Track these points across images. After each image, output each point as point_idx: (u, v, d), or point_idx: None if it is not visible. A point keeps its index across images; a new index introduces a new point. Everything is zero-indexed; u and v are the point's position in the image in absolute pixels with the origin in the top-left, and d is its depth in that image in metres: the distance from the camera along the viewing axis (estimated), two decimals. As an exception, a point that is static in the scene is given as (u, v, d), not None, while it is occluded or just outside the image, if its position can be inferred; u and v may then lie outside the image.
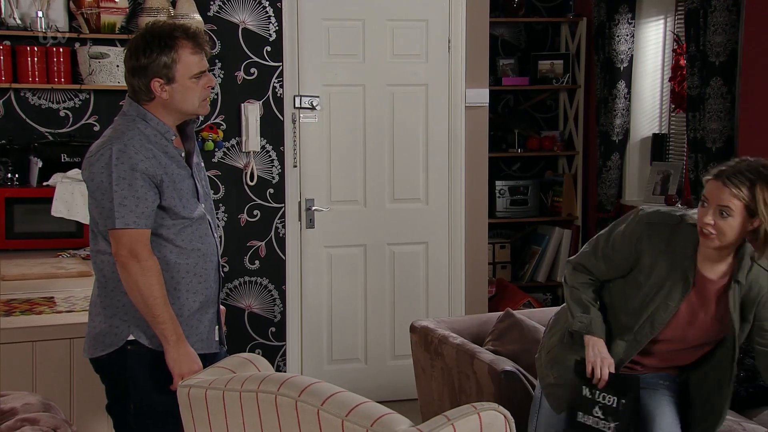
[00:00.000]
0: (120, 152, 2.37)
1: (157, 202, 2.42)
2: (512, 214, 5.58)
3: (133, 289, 2.37)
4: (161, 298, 2.38)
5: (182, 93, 2.45)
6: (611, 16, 5.14)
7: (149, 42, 2.42)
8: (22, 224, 3.95)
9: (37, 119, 4.24)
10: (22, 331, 2.71)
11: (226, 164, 4.49)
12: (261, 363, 2.14)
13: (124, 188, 2.36)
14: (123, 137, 2.40)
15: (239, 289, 4.56)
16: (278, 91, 4.51)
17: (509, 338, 3.38)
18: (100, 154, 2.40)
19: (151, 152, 2.41)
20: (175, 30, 2.46)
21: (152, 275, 2.37)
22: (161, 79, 2.42)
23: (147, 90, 2.44)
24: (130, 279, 2.37)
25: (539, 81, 5.52)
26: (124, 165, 2.36)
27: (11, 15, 4.08)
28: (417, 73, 4.68)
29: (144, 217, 2.38)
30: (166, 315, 2.39)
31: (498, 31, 5.53)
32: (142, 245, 2.38)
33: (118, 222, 2.36)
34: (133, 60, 2.43)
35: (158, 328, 2.39)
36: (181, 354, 2.39)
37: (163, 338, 2.39)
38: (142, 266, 2.36)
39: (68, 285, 3.30)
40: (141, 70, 2.42)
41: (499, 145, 5.52)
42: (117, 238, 2.37)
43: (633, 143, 5.29)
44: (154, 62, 2.40)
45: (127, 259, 2.36)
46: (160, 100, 2.45)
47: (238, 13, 4.46)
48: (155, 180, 2.41)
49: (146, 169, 2.38)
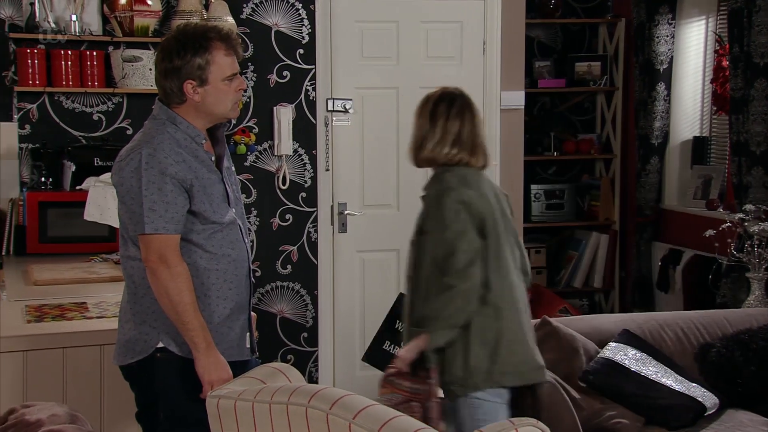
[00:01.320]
0: (150, 156, 2.34)
1: (186, 207, 2.38)
2: (548, 218, 5.51)
3: (163, 295, 2.34)
4: (191, 304, 2.34)
5: (214, 95, 2.42)
6: (651, 16, 5.04)
7: (183, 43, 2.38)
8: (56, 228, 3.95)
9: (71, 123, 4.24)
10: (52, 337, 2.69)
11: (258, 168, 4.46)
12: (292, 373, 2.09)
13: (154, 193, 2.33)
14: (153, 141, 2.37)
15: (271, 294, 4.53)
16: (311, 94, 4.48)
17: (546, 347, 3.29)
18: (129, 158, 2.36)
19: (181, 156, 2.38)
20: (208, 31, 2.42)
21: (182, 281, 2.34)
22: (194, 81, 2.39)
23: (179, 92, 2.40)
24: (160, 285, 2.33)
25: (576, 83, 5.45)
26: (153, 169, 2.33)
27: (46, 19, 4.08)
28: (451, 75, 4.60)
29: (173, 222, 2.35)
30: (196, 322, 2.35)
31: (534, 33, 5.46)
32: (172, 251, 2.34)
33: (148, 227, 2.32)
34: (166, 62, 2.40)
35: (188, 335, 2.35)
36: (210, 362, 2.35)
37: (192, 345, 2.36)
38: (171, 272, 2.33)
39: (100, 290, 3.29)
40: (174, 71, 2.38)
41: (535, 149, 5.44)
42: (146, 244, 2.34)
43: (673, 146, 5.19)
44: (188, 64, 2.37)
45: (156, 264, 2.33)
46: (191, 103, 2.42)
47: (271, 15, 4.43)
48: (185, 184, 2.37)
49: (176, 173, 2.35)
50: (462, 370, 2.57)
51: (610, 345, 3.35)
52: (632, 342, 3.37)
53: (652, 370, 3.27)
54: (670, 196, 5.22)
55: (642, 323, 3.53)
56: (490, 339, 2.58)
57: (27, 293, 3.24)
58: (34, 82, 4.04)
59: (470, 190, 2.64)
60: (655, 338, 3.48)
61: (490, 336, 2.58)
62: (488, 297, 2.58)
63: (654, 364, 3.30)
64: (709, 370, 3.38)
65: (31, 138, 4.17)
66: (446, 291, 2.54)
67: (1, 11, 4.12)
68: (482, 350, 2.57)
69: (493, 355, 2.57)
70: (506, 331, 2.59)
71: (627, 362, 3.27)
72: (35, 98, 4.17)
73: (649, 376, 3.25)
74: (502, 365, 2.58)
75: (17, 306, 3.02)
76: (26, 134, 4.18)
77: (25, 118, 4.18)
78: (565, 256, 5.69)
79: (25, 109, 4.18)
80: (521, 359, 2.63)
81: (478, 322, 2.57)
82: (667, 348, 3.46)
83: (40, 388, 2.63)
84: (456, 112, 2.77)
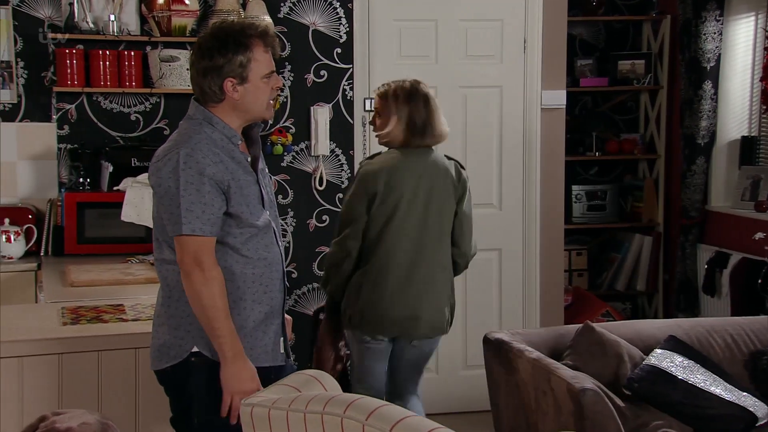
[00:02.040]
0: (187, 156, 2.30)
1: (223, 209, 2.34)
2: (589, 219, 5.42)
3: (195, 299, 2.30)
4: (223, 310, 2.30)
5: (254, 93, 2.38)
6: (698, 13, 4.92)
7: (223, 41, 2.34)
8: (93, 229, 3.96)
9: (109, 123, 4.24)
10: (87, 340, 2.66)
11: (295, 168, 4.43)
12: (327, 381, 2.03)
13: (192, 193, 2.28)
14: (190, 141, 2.33)
15: (307, 296, 4.49)
16: (348, 94, 4.43)
17: (589, 353, 3.22)
18: (167, 158, 2.32)
19: (219, 157, 2.34)
20: (247, 28, 2.38)
21: (215, 286, 2.29)
22: (234, 79, 2.35)
23: (218, 91, 2.36)
24: (193, 288, 2.29)
25: (619, 82, 5.34)
26: (191, 170, 2.29)
27: (84, 19, 4.09)
28: (491, 74, 4.56)
29: (210, 224, 2.30)
30: (226, 329, 2.30)
31: (576, 31, 5.37)
32: (207, 254, 2.30)
33: (185, 228, 2.28)
34: (206, 60, 2.35)
35: (216, 341, 2.31)
36: (235, 372, 2.30)
37: (220, 353, 2.31)
38: (205, 276, 2.29)
39: (136, 292, 3.27)
40: (215, 69, 2.34)
41: (576, 149, 5.35)
42: (182, 245, 2.30)
43: (720, 146, 5.06)
44: (230, 61, 2.33)
45: (190, 267, 2.29)
46: (230, 102, 2.37)
47: (309, 14, 4.39)
48: (222, 186, 2.33)
49: (214, 174, 2.31)
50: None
51: (656, 352, 3.25)
52: (679, 348, 3.27)
53: (700, 378, 3.18)
54: (717, 198, 5.10)
55: (689, 329, 3.43)
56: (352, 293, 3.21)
57: (64, 294, 3.24)
58: (73, 83, 4.05)
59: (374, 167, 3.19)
60: (703, 345, 3.38)
61: (353, 291, 3.21)
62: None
63: (702, 371, 3.21)
64: (761, 378, 3.27)
65: (69, 138, 4.18)
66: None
67: (41, 11, 4.14)
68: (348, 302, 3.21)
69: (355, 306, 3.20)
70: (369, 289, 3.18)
71: (674, 370, 3.17)
72: (74, 98, 4.18)
73: (698, 385, 3.16)
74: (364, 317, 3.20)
75: (54, 308, 3.01)
76: (65, 134, 4.19)
77: (63, 119, 4.19)
78: (607, 259, 5.59)
79: (63, 110, 4.19)
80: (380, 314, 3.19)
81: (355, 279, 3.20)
82: (716, 355, 3.36)
83: (75, 392, 2.61)
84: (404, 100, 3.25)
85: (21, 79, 4.14)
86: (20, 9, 4.12)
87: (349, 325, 3.25)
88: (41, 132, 4.15)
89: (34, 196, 4.13)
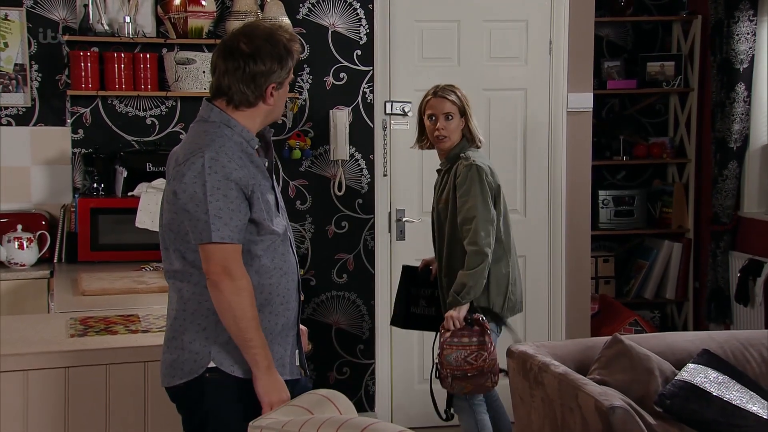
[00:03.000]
0: (213, 160, 2.19)
1: (248, 216, 2.24)
2: (616, 225, 5.32)
3: (226, 310, 2.20)
4: (254, 320, 2.21)
5: (282, 99, 2.35)
6: (730, 13, 4.78)
7: (276, 46, 2.27)
8: (107, 235, 3.89)
9: (124, 127, 4.17)
10: (95, 353, 2.57)
11: (314, 173, 4.33)
12: (341, 402, 1.92)
13: (219, 199, 2.18)
14: (213, 144, 2.22)
15: (326, 304, 4.39)
16: (368, 97, 4.34)
17: (618, 367, 3.10)
18: (190, 162, 2.21)
19: (242, 161, 2.25)
20: (286, 33, 2.32)
21: (246, 295, 2.20)
22: (275, 85, 2.29)
23: (258, 97, 2.28)
24: (223, 299, 2.19)
25: (648, 84, 5.24)
26: (218, 174, 2.19)
27: (99, 21, 4.01)
28: (515, 76, 4.48)
29: (238, 230, 2.21)
30: (258, 339, 2.21)
31: (603, 32, 5.29)
32: (236, 262, 2.20)
33: (215, 235, 2.17)
34: (260, 64, 2.25)
35: (249, 352, 2.21)
36: (272, 381, 2.22)
37: (254, 364, 2.22)
38: (236, 285, 2.18)
39: (148, 301, 3.19)
40: (266, 75, 2.26)
41: (603, 153, 5.26)
42: (209, 254, 2.19)
43: (753, 150, 4.94)
44: (283, 68, 2.27)
45: (219, 277, 2.18)
46: (261, 107, 2.30)
47: (328, 15, 4.30)
48: (247, 191, 2.23)
49: (240, 179, 2.21)
50: (484, 307, 3.38)
51: (689, 366, 3.12)
52: (713, 363, 3.14)
53: (735, 395, 3.05)
54: (750, 203, 4.97)
55: (723, 342, 3.30)
56: (502, 283, 3.42)
57: (74, 304, 3.16)
58: (87, 86, 3.98)
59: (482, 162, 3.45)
60: (738, 359, 3.25)
61: (503, 281, 3.42)
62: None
63: (738, 388, 3.07)
64: (799, 395, 3.11)
65: (84, 143, 4.11)
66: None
67: (55, 13, 4.07)
68: (497, 291, 3.41)
69: (505, 294, 3.43)
70: (511, 275, 3.45)
71: (708, 386, 3.04)
72: (88, 102, 4.11)
73: (733, 402, 3.02)
74: (508, 302, 3.45)
75: (63, 318, 2.93)
76: (79, 139, 4.12)
77: (78, 123, 4.12)
78: (635, 266, 5.47)
79: (78, 114, 4.12)
80: (519, 299, 3.52)
81: (495, 269, 3.40)
82: (752, 370, 3.23)
83: (82, 408, 2.52)
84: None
85: (35, 83, 4.08)
86: (34, 11, 4.05)
87: (508, 312, 3.46)
88: (55, 136, 4.08)
89: (48, 202, 4.07)
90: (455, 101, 3.42)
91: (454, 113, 3.41)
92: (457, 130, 3.42)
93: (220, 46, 2.33)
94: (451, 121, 3.41)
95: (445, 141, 3.41)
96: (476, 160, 3.38)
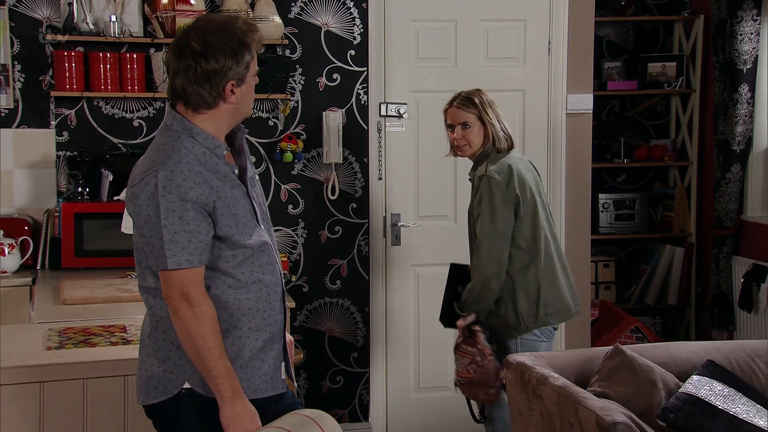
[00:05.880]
0: (167, 180, 2.06)
1: (211, 234, 2.11)
2: (617, 229, 5.27)
3: (185, 338, 2.09)
4: (216, 348, 2.09)
5: (248, 94, 2.18)
6: (733, 12, 4.71)
7: (230, 40, 2.11)
8: (92, 241, 3.78)
9: (110, 129, 4.06)
10: (71, 367, 2.46)
11: (306, 177, 4.23)
12: (327, 423, 1.81)
13: (175, 222, 2.05)
14: (168, 161, 2.08)
15: (319, 311, 4.28)
16: (362, 98, 4.24)
17: (619, 379, 3.00)
18: (144, 183, 2.08)
19: (201, 176, 2.10)
20: (244, 23, 2.16)
21: (206, 322, 2.08)
22: (235, 82, 2.13)
23: (217, 97, 2.13)
24: (182, 326, 2.08)
25: (649, 85, 5.19)
26: (172, 195, 2.05)
27: (84, 20, 3.91)
28: (513, 77, 4.40)
29: (197, 253, 2.08)
30: (222, 368, 2.09)
31: (603, 32, 5.25)
32: (196, 287, 2.09)
33: (170, 262, 2.06)
34: (211, 62, 2.09)
35: (212, 382, 2.10)
36: (237, 412, 2.10)
37: (217, 394, 2.11)
38: (195, 312, 2.07)
39: (131, 311, 3.08)
40: (220, 73, 2.10)
41: (603, 155, 5.21)
42: (167, 279, 2.08)
43: (756, 153, 4.88)
44: (239, 63, 2.11)
45: (178, 302, 2.07)
46: (223, 107, 2.15)
47: (321, 14, 4.20)
48: (207, 208, 2.10)
49: (197, 197, 2.07)
50: (513, 319, 3.31)
51: (693, 378, 3.02)
52: (718, 375, 3.04)
53: (742, 408, 2.95)
54: (754, 207, 4.91)
55: (728, 353, 3.20)
56: (531, 291, 3.31)
57: (55, 313, 3.05)
58: (72, 87, 3.87)
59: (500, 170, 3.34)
60: (744, 371, 3.15)
61: (532, 288, 3.31)
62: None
63: (744, 401, 2.98)
64: (808, 409, 3.02)
65: (68, 145, 4.01)
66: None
67: (39, 12, 3.97)
68: (527, 300, 3.31)
69: (537, 302, 3.33)
70: (543, 281, 3.33)
71: (713, 399, 2.94)
72: (73, 103, 4.00)
73: (739, 415, 2.92)
74: (545, 308, 3.35)
75: (41, 329, 2.81)
76: (64, 141, 4.01)
77: (62, 125, 4.01)
78: (636, 271, 5.39)
79: (62, 115, 4.01)
80: (564, 301, 3.41)
81: (521, 279, 3.30)
82: (758, 382, 3.13)
83: (58, 425, 2.41)
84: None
85: (18, 83, 3.97)
86: (17, 9, 3.95)
87: (534, 323, 3.34)
88: (39, 139, 3.97)
89: (31, 207, 3.96)
90: (472, 110, 3.34)
91: (471, 122, 3.33)
92: (478, 137, 3.35)
93: (172, 43, 2.17)
94: (469, 129, 3.34)
95: (465, 150, 3.37)
96: (490, 170, 3.30)
